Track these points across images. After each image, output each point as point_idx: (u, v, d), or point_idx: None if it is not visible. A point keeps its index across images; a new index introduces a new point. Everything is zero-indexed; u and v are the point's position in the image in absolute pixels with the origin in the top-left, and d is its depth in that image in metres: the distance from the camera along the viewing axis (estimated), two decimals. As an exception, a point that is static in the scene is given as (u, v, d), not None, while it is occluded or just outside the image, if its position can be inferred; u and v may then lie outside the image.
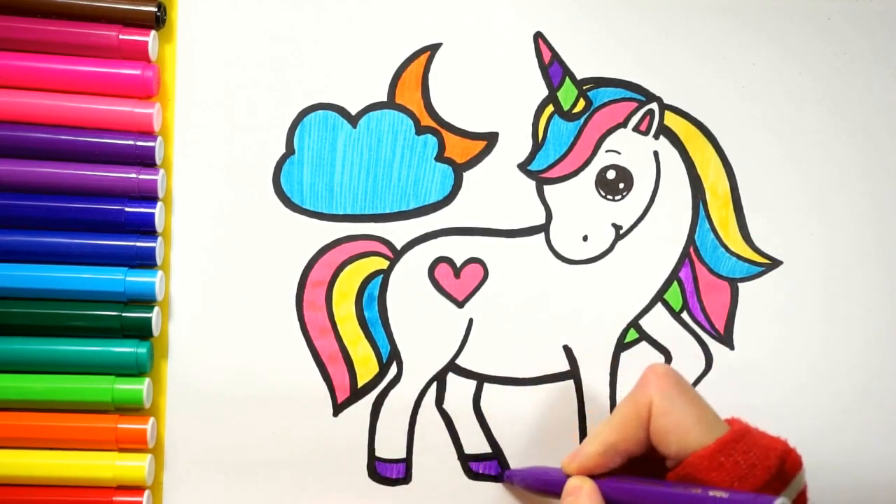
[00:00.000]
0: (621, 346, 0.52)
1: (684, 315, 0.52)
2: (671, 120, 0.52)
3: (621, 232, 0.52)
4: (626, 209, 0.52)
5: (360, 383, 0.52)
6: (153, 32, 0.50)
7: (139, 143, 0.50)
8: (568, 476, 0.45)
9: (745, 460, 0.41)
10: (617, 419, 0.44)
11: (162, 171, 0.50)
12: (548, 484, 0.48)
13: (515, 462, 0.52)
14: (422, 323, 0.52)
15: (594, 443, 0.45)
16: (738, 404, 0.52)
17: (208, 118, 0.51)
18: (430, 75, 0.52)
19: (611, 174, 0.52)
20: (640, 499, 0.43)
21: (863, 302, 0.53)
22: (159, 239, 0.50)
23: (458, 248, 0.52)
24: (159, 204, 0.50)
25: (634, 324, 0.52)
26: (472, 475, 0.52)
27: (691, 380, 0.52)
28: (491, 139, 0.52)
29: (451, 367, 0.52)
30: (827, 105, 0.53)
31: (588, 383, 0.52)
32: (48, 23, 0.49)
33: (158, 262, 0.50)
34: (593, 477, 0.44)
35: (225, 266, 0.51)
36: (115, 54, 0.49)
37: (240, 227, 0.51)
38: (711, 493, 0.40)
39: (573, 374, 0.52)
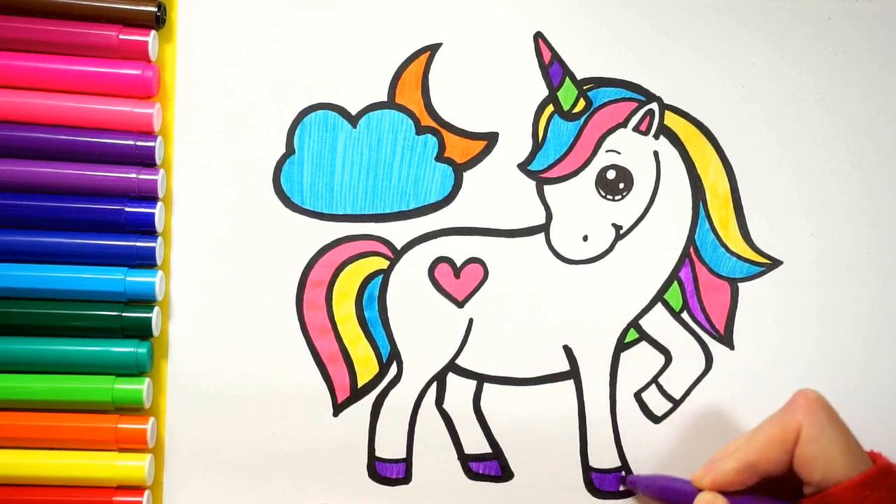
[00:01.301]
0: (621, 346, 0.52)
1: (684, 315, 0.52)
2: (671, 120, 0.52)
3: (621, 232, 0.52)
4: (626, 209, 0.52)
5: (360, 383, 0.52)
6: (153, 32, 0.50)
7: (139, 143, 0.50)
8: (698, 490, 0.45)
9: (890, 497, 0.41)
10: (760, 439, 0.44)
11: (162, 171, 0.50)
12: (676, 495, 0.47)
13: (515, 462, 0.52)
14: (422, 323, 0.52)
15: (731, 459, 0.44)
16: (738, 404, 0.52)
17: (208, 118, 0.51)
18: (430, 75, 0.52)
19: (611, 174, 0.52)
20: None
21: (862, 302, 0.53)
22: (159, 239, 0.50)
23: (458, 248, 0.52)
24: (159, 204, 0.50)
25: (634, 324, 0.52)
26: (472, 475, 0.52)
27: (691, 380, 0.52)
28: (491, 139, 0.52)
29: (451, 367, 0.52)
30: (827, 105, 0.53)
31: (588, 383, 0.52)
32: (48, 23, 0.49)
33: (158, 262, 0.50)
34: (725, 494, 0.44)
35: (225, 266, 0.51)
36: (115, 54, 0.49)
37: (240, 227, 0.51)
38: None
39: (573, 374, 0.52)
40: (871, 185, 0.53)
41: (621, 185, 0.52)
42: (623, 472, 0.52)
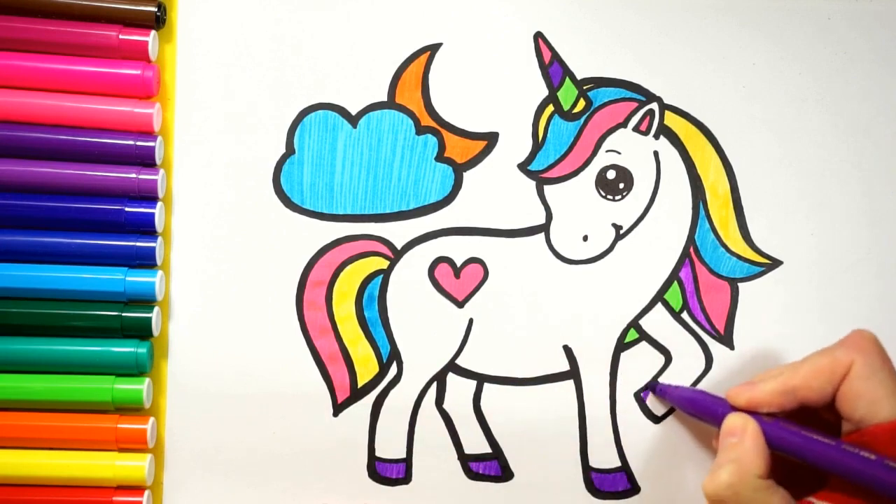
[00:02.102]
0: (621, 346, 0.52)
1: (684, 315, 0.52)
2: (671, 120, 0.52)
3: (621, 232, 0.52)
4: (626, 209, 0.52)
5: (360, 383, 0.52)
6: (153, 32, 0.50)
7: (139, 143, 0.50)
8: (733, 407, 0.45)
9: None
10: (807, 367, 0.44)
11: (162, 171, 0.50)
12: (706, 410, 0.47)
13: (515, 462, 0.52)
14: (422, 323, 0.52)
15: (773, 381, 0.44)
16: (738, 404, 0.52)
17: (208, 118, 0.51)
18: (430, 75, 0.52)
19: (611, 174, 0.52)
20: (804, 451, 0.42)
21: (862, 302, 0.53)
22: (159, 239, 0.50)
23: (458, 248, 0.52)
24: (159, 204, 0.50)
25: (634, 324, 0.52)
26: (472, 475, 0.52)
27: (691, 380, 0.52)
28: (491, 139, 0.52)
29: (451, 367, 0.52)
30: (827, 105, 0.53)
31: (588, 383, 0.52)
32: (48, 23, 0.49)
33: (158, 262, 0.50)
34: (757, 416, 0.44)
35: (225, 266, 0.51)
36: (115, 54, 0.49)
37: (240, 227, 0.51)
38: (887, 463, 0.39)
39: (573, 374, 0.52)
40: (871, 185, 0.53)
41: (621, 185, 0.52)
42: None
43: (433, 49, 0.52)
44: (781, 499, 0.42)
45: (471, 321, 0.52)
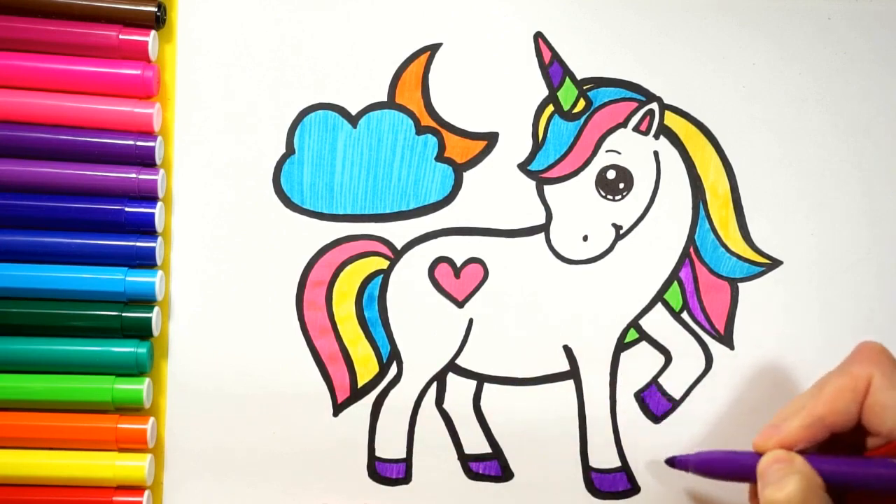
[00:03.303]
0: (621, 346, 0.52)
1: (684, 315, 0.52)
2: (671, 120, 0.52)
3: (621, 232, 0.52)
4: (626, 209, 0.52)
5: (360, 383, 0.52)
6: (153, 32, 0.50)
7: (139, 143, 0.50)
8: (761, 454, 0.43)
9: None
10: (828, 391, 0.43)
11: (162, 171, 0.50)
12: (735, 465, 0.45)
13: (515, 462, 0.52)
14: (422, 323, 0.52)
15: (798, 416, 0.43)
16: (738, 404, 0.52)
17: (208, 118, 0.51)
18: (430, 75, 0.52)
19: (611, 174, 0.52)
20: (848, 476, 0.42)
21: (862, 302, 0.53)
22: (159, 239, 0.50)
23: (458, 248, 0.52)
24: (159, 204, 0.50)
25: (634, 324, 0.52)
26: (472, 475, 0.52)
27: (691, 380, 0.52)
28: (491, 139, 0.52)
29: (451, 367, 0.52)
30: (827, 105, 0.53)
31: (588, 383, 0.52)
32: (48, 23, 0.49)
33: (158, 262, 0.50)
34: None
35: (225, 266, 0.51)
36: (115, 54, 0.49)
37: (240, 227, 0.51)
38: None
39: (573, 374, 0.52)
40: (871, 185, 0.53)
41: (621, 185, 0.52)
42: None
43: (433, 49, 0.52)
44: None
45: (471, 321, 0.52)
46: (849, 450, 0.44)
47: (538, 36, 0.52)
